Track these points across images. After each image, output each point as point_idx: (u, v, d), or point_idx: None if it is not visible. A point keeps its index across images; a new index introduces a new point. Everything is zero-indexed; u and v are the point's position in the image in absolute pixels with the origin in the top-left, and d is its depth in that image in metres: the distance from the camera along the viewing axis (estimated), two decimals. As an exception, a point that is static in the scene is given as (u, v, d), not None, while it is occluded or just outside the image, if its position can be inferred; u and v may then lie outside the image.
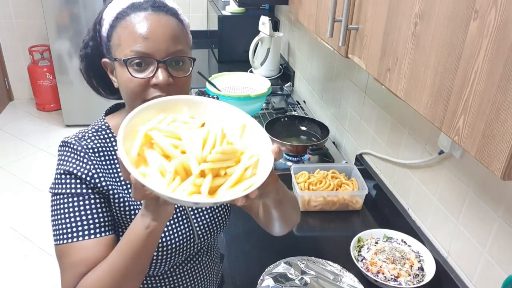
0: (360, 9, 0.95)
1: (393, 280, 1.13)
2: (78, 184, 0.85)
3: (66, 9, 3.44)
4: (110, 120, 0.96)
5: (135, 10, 0.84)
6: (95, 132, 0.92)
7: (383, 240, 1.27)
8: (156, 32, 0.82)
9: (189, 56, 0.87)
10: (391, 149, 1.46)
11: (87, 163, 0.86)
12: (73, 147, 0.87)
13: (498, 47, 0.55)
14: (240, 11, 2.80)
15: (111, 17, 0.86)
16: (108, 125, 0.94)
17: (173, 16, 0.86)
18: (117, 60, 0.84)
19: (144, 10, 0.83)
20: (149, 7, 0.84)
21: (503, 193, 0.97)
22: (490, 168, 0.59)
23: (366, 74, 1.60)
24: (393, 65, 0.82)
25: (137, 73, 0.82)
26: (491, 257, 1.02)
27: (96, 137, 0.91)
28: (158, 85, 0.82)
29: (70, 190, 0.84)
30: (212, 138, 0.69)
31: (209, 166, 0.65)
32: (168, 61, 0.83)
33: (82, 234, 0.83)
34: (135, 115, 0.71)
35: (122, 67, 0.83)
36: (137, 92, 0.83)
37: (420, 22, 0.72)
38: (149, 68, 0.83)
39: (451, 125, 0.66)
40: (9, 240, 2.65)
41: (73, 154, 0.87)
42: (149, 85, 0.83)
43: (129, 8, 0.85)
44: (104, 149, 0.90)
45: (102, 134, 0.92)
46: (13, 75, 4.26)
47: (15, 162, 3.36)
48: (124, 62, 0.82)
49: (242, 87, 2.16)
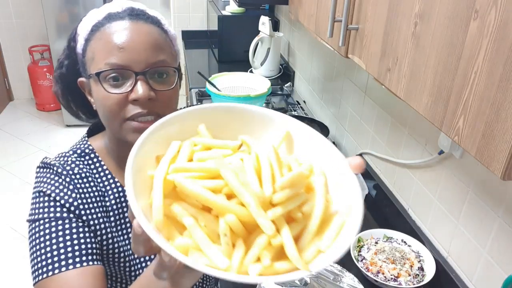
0: (360, 9, 0.95)
1: (393, 280, 1.13)
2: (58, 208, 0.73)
3: (66, 9, 3.45)
4: (93, 142, 0.85)
5: (111, 20, 0.75)
6: (79, 157, 0.81)
7: (383, 240, 1.27)
8: (133, 42, 0.72)
9: (172, 67, 0.76)
10: (391, 149, 1.46)
11: (72, 191, 0.75)
12: (57, 170, 0.76)
13: (498, 47, 0.55)
14: (240, 11, 2.80)
15: (86, 31, 0.77)
16: (92, 148, 0.83)
17: (153, 24, 0.77)
18: (91, 77, 0.74)
19: (120, 19, 0.74)
20: (126, 16, 0.75)
21: (503, 193, 0.97)
22: (490, 168, 0.59)
23: (366, 74, 1.60)
24: (393, 65, 0.82)
25: (113, 88, 0.72)
26: (491, 257, 1.02)
27: (80, 162, 0.80)
28: (138, 101, 0.71)
29: (49, 214, 0.73)
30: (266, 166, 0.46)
31: (280, 212, 0.44)
32: (148, 72, 0.72)
33: (66, 263, 0.69)
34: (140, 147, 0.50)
35: (97, 83, 0.73)
36: (114, 110, 0.72)
37: (420, 22, 0.72)
38: (127, 82, 0.72)
39: (451, 125, 0.66)
40: (9, 240, 2.65)
41: (56, 177, 0.76)
42: (128, 101, 0.72)
43: (105, 18, 0.76)
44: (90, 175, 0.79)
45: (86, 159, 0.81)
46: (13, 75, 4.26)
47: (15, 162, 3.36)
48: (97, 77, 0.72)
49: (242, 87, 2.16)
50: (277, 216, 0.44)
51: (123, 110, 0.73)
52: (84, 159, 0.81)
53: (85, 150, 0.83)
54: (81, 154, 0.82)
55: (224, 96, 1.94)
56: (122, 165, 0.83)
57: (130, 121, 0.73)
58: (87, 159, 0.82)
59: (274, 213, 0.44)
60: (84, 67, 0.78)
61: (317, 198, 0.47)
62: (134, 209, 0.43)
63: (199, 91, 2.27)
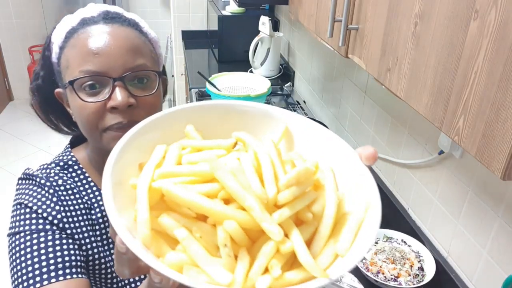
0: (360, 9, 0.95)
1: (393, 280, 1.13)
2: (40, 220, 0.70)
3: (66, 9, 3.45)
4: (76, 153, 0.81)
5: (84, 25, 0.71)
6: (62, 169, 0.77)
7: (383, 240, 1.27)
8: (109, 46, 0.67)
9: (153, 70, 0.71)
10: (391, 149, 1.46)
11: (56, 203, 0.71)
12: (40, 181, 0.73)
13: (498, 47, 0.55)
14: (240, 11, 2.80)
15: (60, 39, 0.72)
16: (76, 159, 0.80)
17: (131, 27, 0.73)
18: (67, 86, 0.69)
19: (94, 23, 0.71)
20: (100, 20, 0.71)
21: (503, 193, 0.97)
22: (490, 168, 0.59)
23: (366, 74, 1.60)
24: (393, 65, 0.82)
25: (89, 97, 0.67)
26: (491, 257, 1.02)
27: (64, 174, 0.77)
28: (117, 109, 0.67)
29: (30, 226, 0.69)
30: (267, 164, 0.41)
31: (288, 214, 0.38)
32: (126, 78, 0.68)
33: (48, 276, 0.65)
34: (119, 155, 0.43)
35: (72, 92, 0.68)
36: (92, 120, 0.68)
37: (420, 22, 0.72)
38: (105, 89, 0.68)
39: (451, 125, 0.66)
40: (9, 240, 2.65)
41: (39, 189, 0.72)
42: (106, 110, 0.68)
43: (79, 24, 0.72)
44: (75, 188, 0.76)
45: (70, 171, 0.78)
46: (13, 75, 4.26)
47: (15, 162, 3.36)
48: (72, 85, 0.67)
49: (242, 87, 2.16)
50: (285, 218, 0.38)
51: (101, 120, 0.68)
52: (68, 171, 0.78)
53: (68, 162, 0.79)
54: (64, 166, 0.78)
55: (224, 96, 1.94)
56: None
57: (110, 131, 0.69)
58: (70, 171, 0.78)
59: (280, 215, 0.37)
60: (60, 76, 0.73)
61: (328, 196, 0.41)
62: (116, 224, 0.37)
63: (199, 91, 2.28)
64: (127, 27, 0.72)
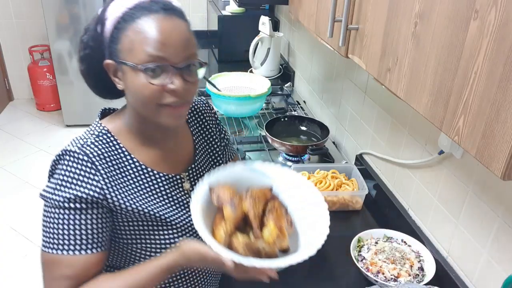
0: (360, 9, 0.95)
1: (393, 280, 1.13)
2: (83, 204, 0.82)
3: (66, 9, 3.44)
4: (107, 123, 0.92)
5: (145, 13, 0.80)
6: (97, 138, 0.88)
7: (383, 240, 1.27)
8: (172, 37, 0.79)
9: (202, 61, 0.86)
10: (391, 149, 1.46)
11: (95, 175, 0.82)
12: (78, 156, 0.82)
13: (498, 47, 0.55)
14: (240, 11, 2.80)
15: (115, 18, 0.82)
16: (107, 129, 0.90)
17: (183, 19, 0.84)
18: (127, 65, 0.81)
19: (155, 12, 0.80)
20: (160, 9, 0.81)
21: (503, 193, 0.97)
22: (490, 168, 0.59)
23: (366, 74, 1.60)
24: (393, 65, 0.82)
25: (153, 79, 0.80)
26: (491, 257, 1.02)
27: (99, 142, 0.87)
28: (175, 91, 0.82)
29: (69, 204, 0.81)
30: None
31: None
32: (184, 67, 0.82)
33: (74, 248, 0.81)
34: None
35: (136, 72, 0.80)
36: (153, 98, 0.81)
37: (420, 22, 0.72)
38: (165, 74, 0.81)
39: (451, 125, 0.66)
40: (9, 240, 2.65)
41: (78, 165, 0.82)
42: (165, 90, 0.81)
43: (137, 9, 0.81)
44: (110, 154, 0.87)
45: (105, 138, 0.88)
46: (13, 75, 4.26)
47: (15, 162, 3.36)
48: (139, 68, 0.79)
49: (242, 87, 2.16)
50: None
51: (159, 98, 0.82)
52: (103, 139, 0.88)
53: (102, 131, 0.89)
54: (98, 135, 0.88)
55: (224, 96, 1.94)
56: (144, 141, 0.92)
57: (166, 106, 0.83)
58: (105, 138, 0.88)
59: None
60: (115, 52, 0.83)
61: None
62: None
63: (199, 91, 2.27)
64: (182, 20, 0.83)
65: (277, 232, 0.86)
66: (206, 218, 0.86)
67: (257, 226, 0.87)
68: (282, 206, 0.94)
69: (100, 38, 0.86)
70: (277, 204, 0.93)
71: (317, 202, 0.96)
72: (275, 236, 0.85)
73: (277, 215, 0.89)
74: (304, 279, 1.18)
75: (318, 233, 0.87)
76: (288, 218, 0.93)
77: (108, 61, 0.86)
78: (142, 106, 0.84)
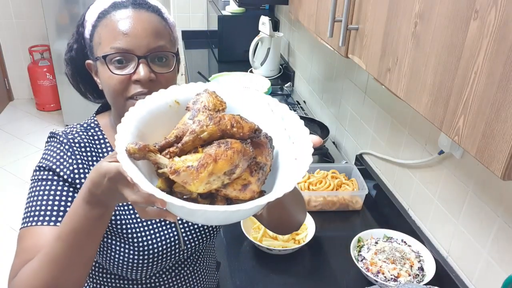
0: (360, 9, 0.95)
1: (393, 280, 1.13)
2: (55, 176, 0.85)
3: (66, 9, 3.45)
4: (100, 119, 0.95)
5: (116, 8, 0.83)
6: (84, 129, 0.92)
7: (383, 240, 1.27)
8: (136, 28, 0.81)
9: (171, 51, 0.85)
10: (391, 149, 1.46)
11: (70, 157, 0.86)
12: (60, 139, 0.88)
13: (498, 47, 0.55)
14: (240, 11, 2.80)
15: (93, 18, 0.86)
16: (98, 123, 0.93)
17: (154, 13, 0.85)
18: (98, 59, 0.83)
19: (124, 7, 0.83)
20: (129, 4, 0.84)
21: (503, 193, 0.97)
22: (490, 168, 0.59)
23: (366, 74, 1.60)
24: (393, 65, 0.82)
25: (117, 70, 0.81)
26: (491, 257, 1.02)
27: (84, 133, 0.91)
28: (140, 81, 0.81)
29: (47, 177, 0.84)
30: None
31: None
32: (149, 57, 0.81)
33: (43, 219, 0.81)
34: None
35: (103, 65, 0.82)
36: (118, 89, 0.82)
37: (420, 22, 0.72)
38: (130, 64, 0.81)
39: (451, 125, 0.66)
40: (9, 240, 2.65)
41: (58, 145, 0.87)
42: (131, 81, 0.82)
43: (111, 7, 0.84)
44: (90, 145, 0.90)
45: (91, 131, 0.92)
46: (13, 75, 4.26)
47: (15, 162, 3.37)
48: (104, 59, 0.81)
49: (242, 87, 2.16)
50: None
51: (126, 89, 0.82)
52: (89, 131, 0.91)
53: (91, 124, 0.93)
54: (86, 128, 0.92)
55: (224, 96, 1.94)
56: None
57: (132, 99, 0.82)
58: (91, 131, 0.92)
59: None
60: (91, 50, 0.86)
61: None
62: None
63: (199, 91, 2.27)
64: (151, 13, 0.84)
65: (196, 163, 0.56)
66: None
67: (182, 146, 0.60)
68: None
69: (82, 40, 0.90)
70: None
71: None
72: (183, 166, 0.56)
73: None
74: (304, 279, 1.18)
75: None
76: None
77: (88, 61, 0.89)
78: (112, 100, 0.85)
